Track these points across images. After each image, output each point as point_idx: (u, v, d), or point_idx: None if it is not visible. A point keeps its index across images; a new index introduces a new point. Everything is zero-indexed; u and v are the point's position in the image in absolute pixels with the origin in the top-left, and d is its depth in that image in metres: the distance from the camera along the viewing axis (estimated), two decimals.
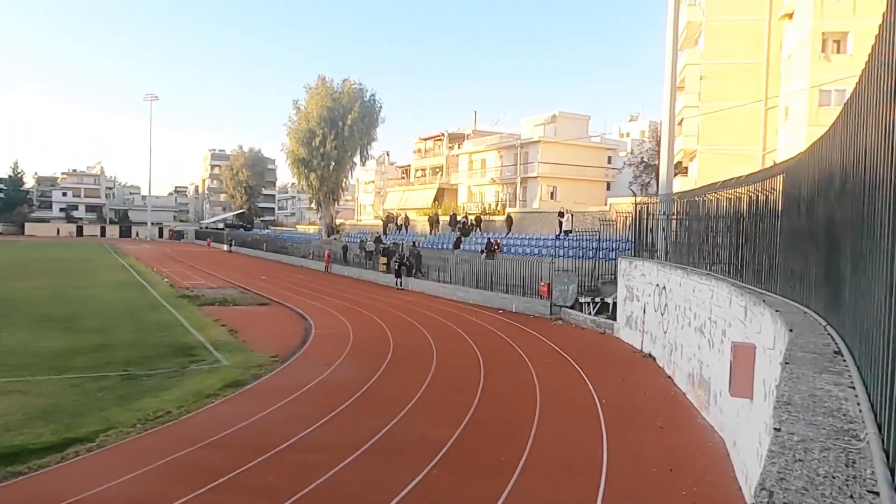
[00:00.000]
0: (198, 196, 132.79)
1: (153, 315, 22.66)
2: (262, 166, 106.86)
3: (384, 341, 17.92)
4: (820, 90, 28.54)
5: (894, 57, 2.52)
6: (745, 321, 8.21)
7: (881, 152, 2.82)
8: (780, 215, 8.23)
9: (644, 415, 11.17)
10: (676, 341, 13.34)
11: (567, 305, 21.90)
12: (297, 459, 8.92)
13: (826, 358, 3.93)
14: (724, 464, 8.72)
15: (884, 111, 2.76)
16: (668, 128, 19.74)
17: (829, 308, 5.21)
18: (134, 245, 79.67)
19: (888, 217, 2.54)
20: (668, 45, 19.35)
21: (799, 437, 2.38)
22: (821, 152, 5.88)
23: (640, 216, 18.85)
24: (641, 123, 70.10)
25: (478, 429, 10.31)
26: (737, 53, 35.14)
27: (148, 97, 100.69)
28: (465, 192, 56.22)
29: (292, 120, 57.78)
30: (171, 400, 11.73)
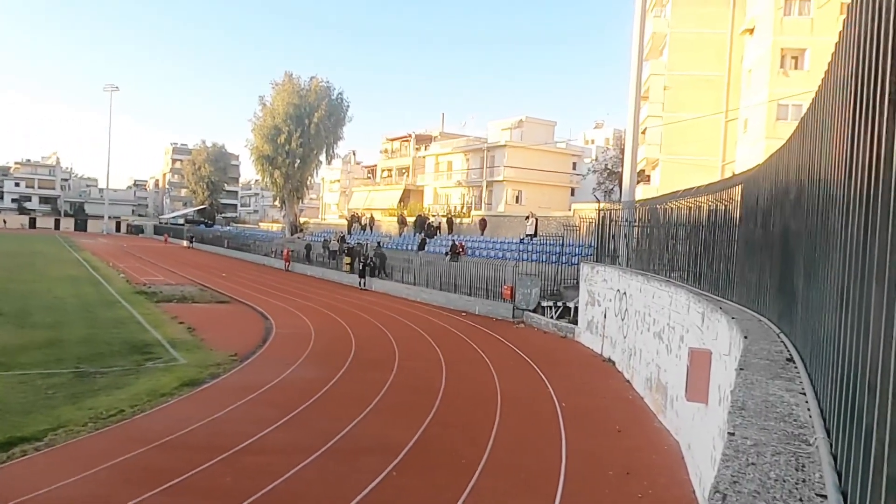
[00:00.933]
0: (158, 190, 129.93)
1: (108, 311, 22.06)
2: (225, 162, 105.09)
3: (346, 342, 17.79)
4: (778, 104, 29.40)
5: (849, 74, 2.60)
6: (703, 327, 8.39)
7: (834, 167, 2.92)
8: (738, 225, 8.43)
9: (603, 418, 11.33)
10: (636, 346, 13.56)
11: (529, 309, 22.08)
12: (254, 461, 8.78)
13: (779, 365, 4.04)
14: (679, 467, 8.89)
15: (837, 127, 2.85)
16: (632, 136, 20.08)
17: (783, 316, 5.36)
18: (90, 239, 77.45)
19: (840, 229, 2.62)
20: (633, 55, 19.69)
21: (752, 441, 2.44)
22: (777, 165, 6.05)
23: (602, 222, 19.12)
24: (606, 131, 71.18)
25: (438, 431, 10.31)
26: (700, 66, 35.96)
27: (108, 87, 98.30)
28: (430, 193, 56.26)
29: (257, 116, 57.02)
30: (125, 399, 11.44)
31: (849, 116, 2.48)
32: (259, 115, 56.85)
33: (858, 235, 2.09)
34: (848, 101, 2.54)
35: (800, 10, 30.56)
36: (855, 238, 2.17)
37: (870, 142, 1.97)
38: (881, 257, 1.71)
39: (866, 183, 1.99)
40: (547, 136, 51.55)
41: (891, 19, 1.73)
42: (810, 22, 29.88)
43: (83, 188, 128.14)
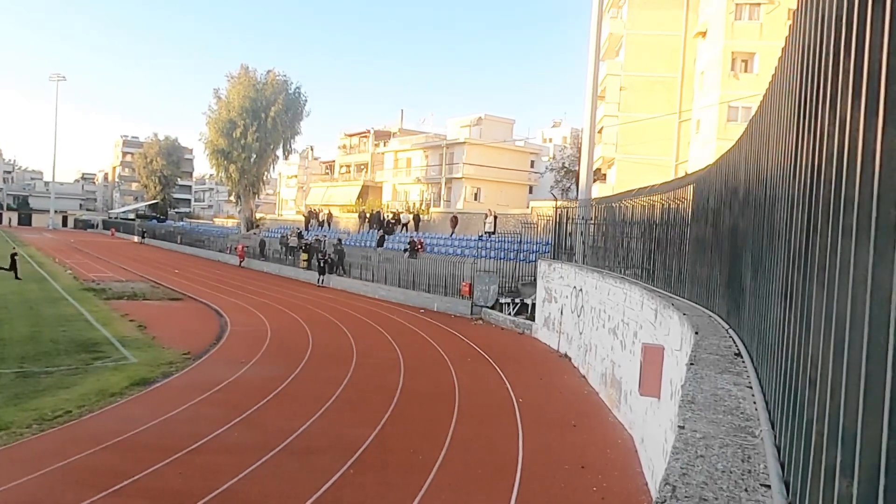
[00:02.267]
0: (107, 184, 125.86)
1: (54, 308, 21.30)
2: (178, 155, 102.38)
3: (303, 339, 17.58)
4: (729, 106, 30.22)
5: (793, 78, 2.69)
6: (656, 323, 8.57)
7: (780, 167, 3.01)
8: (690, 223, 8.63)
9: (559, 413, 11.48)
10: (591, 342, 13.77)
11: (488, 306, 22.21)
12: (205, 461, 8.61)
13: (727, 359, 4.15)
14: (633, 460, 9.08)
15: (783, 129, 2.95)
16: (589, 135, 20.36)
17: (731, 312, 5.51)
18: (34, 234, 74.59)
19: (784, 228, 2.71)
20: (590, 56, 19.96)
21: (701, 434, 2.50)
22: (727, 165, 6.22)
23: (559, 220, 19.35)
24: (564, 129, 71.98)
25: (396, 428, 10.28)
26: (655, 67, 36.70)
27: (54, 77, 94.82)
28: (389, 190, 55.99)
29: (212, 109, 55.79)
30: (72, 399, 11.07)
31: (793, 118, 2.56)
32: (214, 109, 55.66)
33: (801, 233, 2.16)
34: (792, 104, 2.62)
35: (750, 14, 31.46)
36: (798, 236, 2.24)
37: (812, 143, 2.03)
38: (822, 255, 1.77)
39: (809, 182, 2.06)
40: (505, 134, 51.88)
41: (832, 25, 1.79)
42: (760, 27, 30.80)
43: (27, 181, 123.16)
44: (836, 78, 1.73)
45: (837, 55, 1.72)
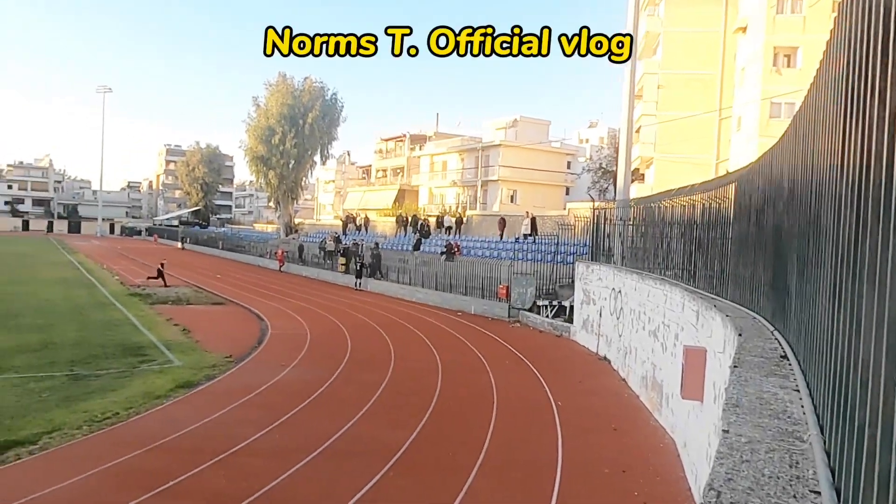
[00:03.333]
0: (152, 192, 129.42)
1: (102, 313, 21.97)
2: (219, 163, 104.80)
3: (342, 342, 17.76)
4: (771, 102, 29.50)
5: (840, 72, 2.61)
6: (697, 325, 8.40)
7: (826, 164, 2.93)
8: (732, 223, 8.45)
9: (598, 417, 11.34)
10: (631, 344, 13.58)
11: (525, 308, 22.09)
12: (248, 463, 8.76)
13: (773, 362, 4.05)
14: (675, 464, 8.91)
15: (829, 125, 2.86)
16: (626, 135, 20.11)
17: (776, 313, 5.37)
18: (83, 241, 77.10)
19: (832, 226, 2.63)
20: None
21: (746, 438, 2.44)
22: (770, 163, 6.07)
23: (597, 221, 19.14)
24: (600, 130, 71.23)
25: (434, 431, 10.30)
26: (693, 64, 36.06)
27: (101, 89, 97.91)
28: (425, 193, 56.22)
29: (251, 117, 56.84)
30: (120, 401, 11.39)
31: (840, 114, 2.48)
32: (253, 116, 56.70)
33: (850, 232, 2.09)
34: (839, 99, 2.54)
35: (792, 8, 30.69)
36: (847, 235, 2.17)
37: (860, 139, 1.97)
38: (872, 254, 1.71)
39: (857, 180, 1.99)
40: (541, 136, 51.60)
41: (881, 17, 1.73)
42: (803, 20, 30.01)
43: (76, 190, 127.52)
44: (885, 71, 1.67)
45: (886, 47, 1.66)
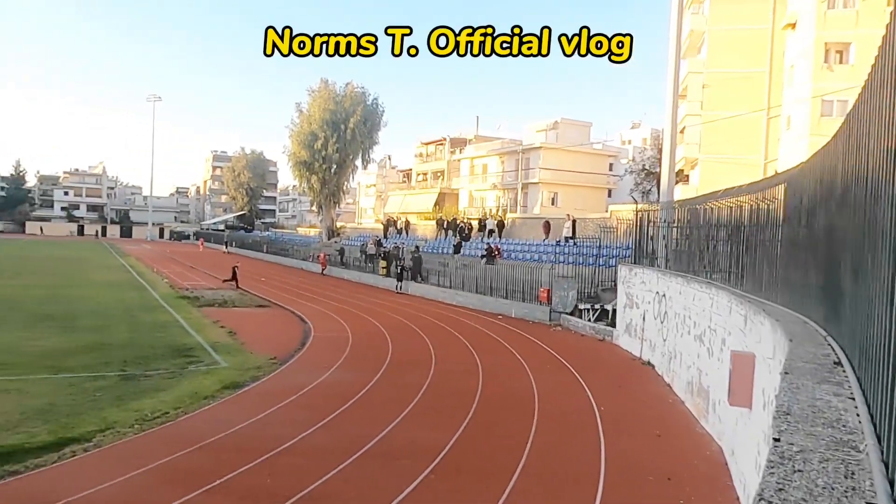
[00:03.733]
0: (199, 197, 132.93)
1: (152, 315, 22.63)
2: (263, 168, 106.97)
3: (383, 345, 17.89)
4: (822, 100, 28.61)
5: None
6: (745, 330, 8.19)
7: (883, 163, 2.82)
8: (781, 225, 8.22)
9: (642, 422, 11.14)
10: (676, 349, 13.32)
11: (566, 312, 21.88)
12: (292, 463, 8.89)
13: (826, 368, 3.91)
14: (722, 473, 8.69)
15: (886, 122, 2.75)
16: (670, 136, 19.77)
17: (829, 318, 5.20)
18: (134, 245, 79.64)
19: (889, 227, 2.53)
20: (670, 54, 19.39)
21: (798, 447, 2.36)
22: (822, 162, 5.88)
23: (640, 223, 18.85)
24: (643, 131, 70.20)
25: (475, 434, 10.27)
26: (739, 63, 35.23)
27: (151, 97, 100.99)
28: (466, 196, 56.30)
29: (294, 122, 57.90)
30: (169, 401, 11.70)
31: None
32: (296, 122, 57.73)
33: None
34: None
35: (844, 2, 29.71)
36: None
37: None
38: None
39: None
40: (582, 138, 51.12)
41: None
42: (855, 15, 29.02)
43: (128, 196, 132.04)
44: None
45: None
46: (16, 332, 18.27)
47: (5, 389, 12.24)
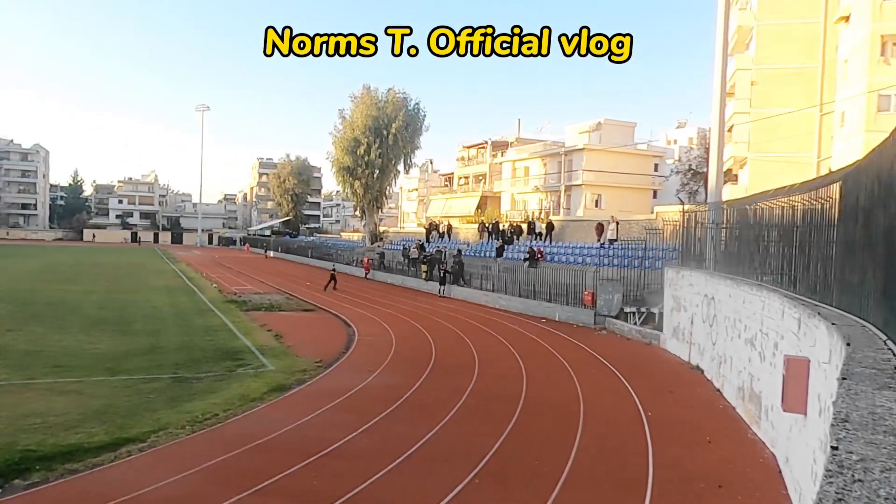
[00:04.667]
0: (246, 203, 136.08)
1: (202, 319, 23.23)
2: (307, 174, 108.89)
3: (426, 348, 17.95)
4: (879, 95, 27.55)
5: None
6: (799, 334, 7.93)
7: None
8: (837, 225, 7.95)
9: (691, 428, 10.89)
10: (725, 353, 12.98)
11: (612, 315, 21.57)
12: (337, 465, 8.99)
13: (886, 374, 3.76)
14: (776, 481, 8.42)
15: None
16: (718, 134, 19.32)
17: (890, 322, 4.99)
18: (185, 251, 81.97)
19: None
20: (717, 51, 18.97)
21: (858, 455, 2.27)
22: (880, 159, 5.66)
23: (687, 225, 18.47)
24: (689, 130, 68.82)
25: (520, 439, 10.21)
26: (789, 58, 34.23)
27: (199, 108, 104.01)
28: (508, 199, 56.10)
29: (337, 129, 58.70)
30: (219, 403, 11.98)
31: None
32: (339, 128, 58.52)
33: None
34: None
35: None
36: None
37: None
38: None
39: None
40: (626, 138, 50.37)
41: None
42: None
43: (179, 203, 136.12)
44: None
45: None
46: (76, 335, 18.99)
47: (66, 391, 12.73)
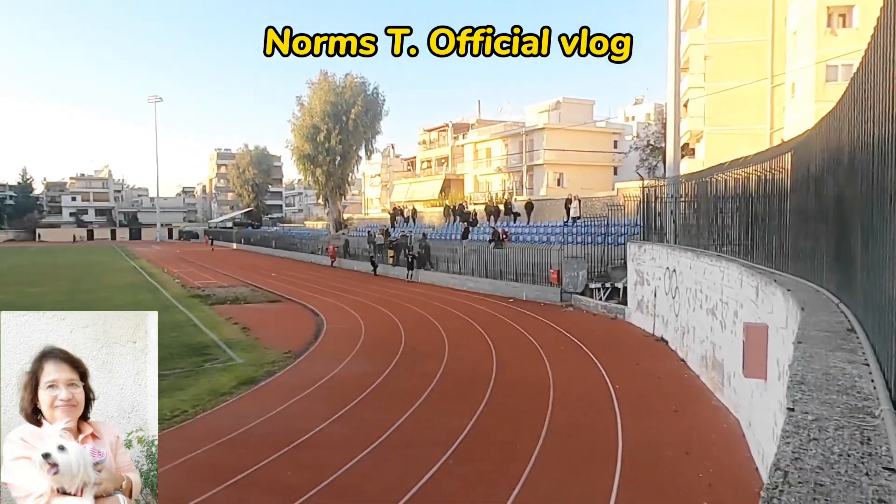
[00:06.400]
0: (205, 196, 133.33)
1: (166, 315, 22.78)
2: (268, 164, 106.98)
3: (396, 334, 17.96)
4: (826, 65, 28.28)
5: None
6: (757, 301, 8.17)
7: (889, 126, 2.79)
8: (790, 194, 8.17)
9: (658, 399, 11.16)
10: (688, 324, 13.30)
11: (577, 292, 21.87)
12: (312, 455, 8.98)
13: (839, 336, 3.90)
14: (740, 445, 8.70)
15: (891, 84, 2.72)
16: (674, 110, 19.61)
17: (842, 285, 5.17)
18: (144, 247, 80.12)
19: None
20: (670, 27, 19.19)
21: (813, 416, 2.36)
22: (828, 128, 5.82)
23: (647, 200, 18.76)
24: (646, 106, 69.56)
25: (492, 418, 10.33)
26: (741, 32, 34.82)
27: (152, 99, 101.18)
28: (471, 182, 56.16)
29: (296, 116, 57.72)
30: (187, 399, 11.81)
31: None
32: (298, 116, 57.56)
33: None
34: None
35: None
36: None
37: None
38: None
39: None
40: (585, 116, 50.77)
41: None
42: None
43: (135, 198, 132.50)
44: None
45: None
46: None
47: None
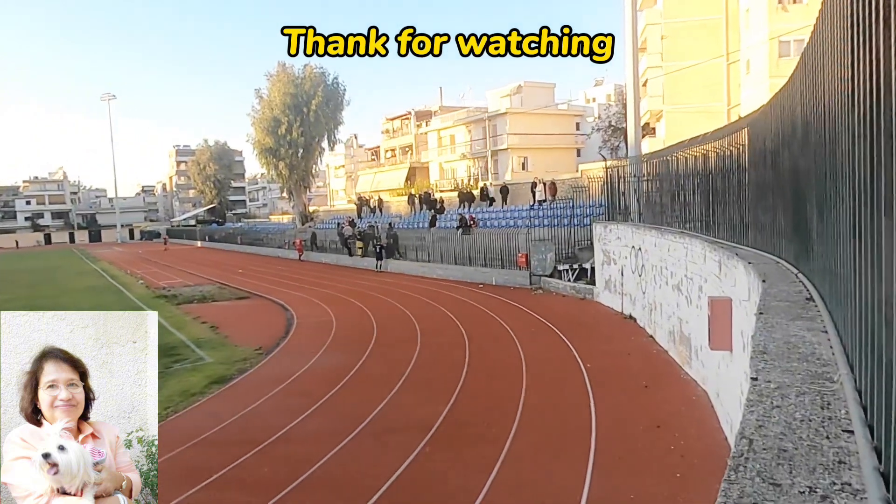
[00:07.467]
0: (166, 194, 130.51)
1: None
2: (229, 159, 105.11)
3: (367, 325, 17.92)
4: (779, 41, 28.82)
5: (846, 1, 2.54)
6: (720, 275, 8.35)
7: (838, 99, 2.86)
8: (748, 169, 8.34)
9: (629, 375, 11.36)
10: (655, 301, 13.53)
11: (546, 274, 22.06)
12: (289, 450, 8.93)
13: (798, 305, 4.01)
14: (710, 416, 8.93)
15: (838, 58, 2.79)
16: (633, 90, 19.82)
17: (800, 256, 5.31)
18: (105, 249, 78.18)
19: (847, 163, 2.58)
20: (626, 7, 19.34)
21: (775, 384, 2.43)
22: (782, 103, 5.95)
23: (611, 180, 18.98)
24: (607, 87, 70.23)
25: (467, 403, 10.40)
26: (696, 10, 35.27)
27: (105, 96, 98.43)
28: (436, 169, 56.03)
29: (255, 109, 56.78)
30: (159, 401, 11.60)
31: (848, 45, 2.42)
32: (257, 109, 56.63)
33: (865, 167, 2.05)
34: (846, 30, 2.48)
35: None
36: (862, 170, 2.13)
37: (870, 70, 1.92)
38: (888, 188, 1.68)
39: (869, 111, 1.95)
40: (547, 100, 50.96)
41: None
42: None
43: (93, 199, 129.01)
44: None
45: None
46: None
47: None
